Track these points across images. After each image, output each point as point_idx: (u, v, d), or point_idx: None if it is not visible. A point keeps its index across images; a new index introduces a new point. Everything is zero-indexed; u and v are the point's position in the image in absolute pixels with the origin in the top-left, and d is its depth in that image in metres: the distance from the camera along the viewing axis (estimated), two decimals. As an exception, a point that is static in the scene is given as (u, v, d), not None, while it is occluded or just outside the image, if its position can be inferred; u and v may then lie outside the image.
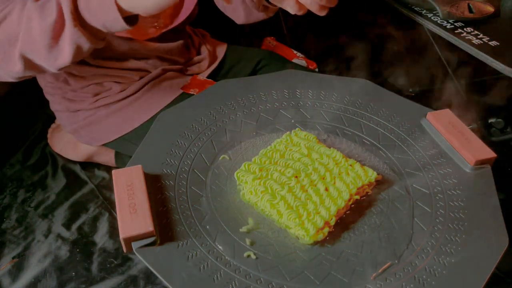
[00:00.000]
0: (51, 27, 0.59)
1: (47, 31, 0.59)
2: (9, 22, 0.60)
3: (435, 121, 0.75)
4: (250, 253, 0.55)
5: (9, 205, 1.07)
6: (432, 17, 0.86)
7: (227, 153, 0.69)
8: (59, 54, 0.62)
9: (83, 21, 0.60)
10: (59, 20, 0.59)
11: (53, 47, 0.61)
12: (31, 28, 0.59)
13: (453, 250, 0.58)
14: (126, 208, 0.56)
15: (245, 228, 0.58)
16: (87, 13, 0.60)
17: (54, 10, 0.58)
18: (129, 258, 0.97)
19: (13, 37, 0.61)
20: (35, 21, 0.59)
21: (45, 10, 0.59)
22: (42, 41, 0.60)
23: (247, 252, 0.55)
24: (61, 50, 0.61)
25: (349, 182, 0.63)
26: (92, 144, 1.02)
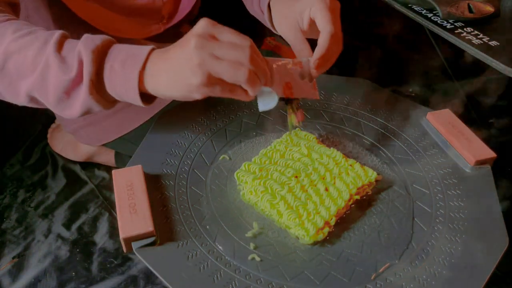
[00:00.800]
0: (67, 84, 0.54)
1: (61, 86, 0.55)
2: (23, 57, 0.55)
3: (435, 121, 0.75)
4: (254, 256, 0.55)
5: (9, 205, 1.07)
6: (432, 17, 0.86)
7: (227, 153, 0.69)
8: (68, 108, 0.58)
9: (101, 90, 0.56)
10: (77, 80, 0.54)
11: (63, 101, 0.57)
12: (47, 77, 0.55)
13: (453, 250, 0.58)
14: (126, 208, 0.56)
15: (251, 233, 0.58)
16: (108, 83, 0.55)
17: (74, 69, 0.54)
18: (129, 258, 0.97)
19: (24, 73, 0.56)
20: (52, 71, 0.54)
21: (66, 64, 0.54)
22: (54, 92, 0.56)
23: (251, 255, 0.55)
24: (70, 105, 0.58)
25: (349, 182, 0.63)
26: (92, 144, 1.02)
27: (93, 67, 0.53)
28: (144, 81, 0.54)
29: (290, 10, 0.65)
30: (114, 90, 0.56)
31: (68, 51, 0.54)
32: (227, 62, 0.49)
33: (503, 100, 1.47)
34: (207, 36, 0.50)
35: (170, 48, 0.53)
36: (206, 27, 0.50)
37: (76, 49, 0.53)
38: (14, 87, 0.57)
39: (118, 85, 0.55)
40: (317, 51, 0.60)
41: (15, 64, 0.55)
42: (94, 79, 0.54)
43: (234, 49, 0.50)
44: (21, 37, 0.55)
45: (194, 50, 0.49)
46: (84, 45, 0.53)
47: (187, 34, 0.51)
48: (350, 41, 1.58)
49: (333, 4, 0.62)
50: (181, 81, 0.51)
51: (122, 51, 0.54)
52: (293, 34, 0.64)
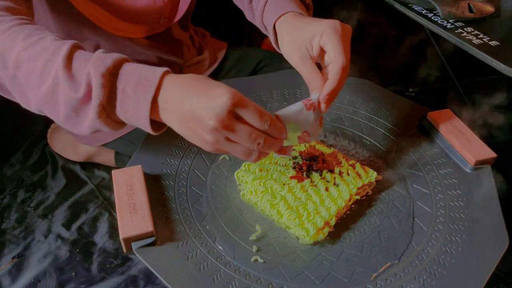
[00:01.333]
0: (75, 102, 0.53)
1: (70, 104, 0.53)
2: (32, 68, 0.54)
3: (435, 121, 0.75)
4: (257, 257, 0.55)
5: (9, 205, 1.07)
6: (432, 17, 0.86)
7: (227, 153, 0.69)
8: (77, 126, 0.56)
9: (111, 113, 0.54)
10: (85, 98, 0.52)
11: (72, 118, 0.55)
12: (57, 93, 0.53)
13: (453, 250, 0.58)
14: (126, 208, 0.56)
15: (254, 236, 0.57)
16: (119, 108, 0.53)
17: (82, 88, 0.52)
18: (129, 258, 0.97)
19: (32, 84, 0.55)
20: (61, 87, 0.53)
21: (74, 81, 0.52)
22: (63, 109, 0.54)
23: (254, 256, 0.55)
24: (79, 123, 0.56)
25: (349, 182, 0.63)
26: (92, 144, 1.02)
27: (104, 92, 0.51)
28: (157, 109, 0.52)
29: (298, 35, 0.61)
30: (125, 115, 0.54)
31: (77, 68, 0.52)
32: (240, 148, 0.50)
33: (503, 100, 1.47)
34: (227, 118, 0.48)
35: (188, 88, 0.51)
36: (230, 106, 0.48)
37: (86, 69, 0.52)
38: (25, 96, 0.56)
39: (129, 110, 0.53)
40: (328, 85, 0.58)
41: (24, 74, 0.54)
42: (104, 103, 0.52)
43: (249, 139, 0.49)
44: (32, 45, 0.54)
45: (211, 131, 0.48)
46: (94, 67, 0.51)
47: (210, 97, 0.49)
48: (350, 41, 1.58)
49: (344, 31, 0.58)
50: (191, 137, 0.52)
51: (134, 72, 0.52)
52: (303, 63, 0.61)
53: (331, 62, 0.58)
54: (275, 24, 0.68)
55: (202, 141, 0.51)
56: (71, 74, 0.52)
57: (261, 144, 0.50)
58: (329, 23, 0.58)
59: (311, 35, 0.59)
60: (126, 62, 0.54)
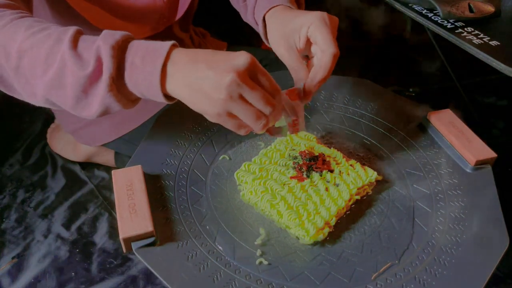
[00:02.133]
0: (84, 80, 0.52)
1: (79, 83, 0.53)
2: (36, 55, 0.53)
3: (435, 121, 0.75)
4: (262, 260, 0.55)
5: (8, 205, 1.07)
6: (432, 16, 0.86)
7: (227, 153, 0.69)
8: (86, 108, 0.56)
9: (121, 87, 0.54)
10: (94, 75, 0.52)
11: (81, 99, 0.54)
12: (64, 75, 0.53)
13: (453, 250, 0.58)
14: (125, 208, 0.55)
15: (259, 240, 0.57)
16: (128, 80, 0.53)
17: (91, 64, 0.52)
18: (129, 258, 0.97)
19: (38, 72, 0.54)
20: (68, 69, 0.52)
21: (82, 60, 0.52)
22: (72, 91, 0.54)
23: (259, 259, 0.55)
24: (89, 104, 0.55)
25: (349, 182, 0.63)
26: (92, 144, 1.01)
27: (114, 63, 0.51)
28: (166, 79, 0.52)
29: (286, 26, 0.62)
30: (136, 87, 0.53)
31: (84, 48, 0.52)
32: (252, 110, 0.49)
33: (503, 100, 1.47)
34: (246, 75, 0.48)
35: (198, 57, 0.50)
36: (248, 64, 0.49)
37: (95, 44, 0.52)
38: (31, 86, 0.56)
39: (140, 81, 0.52)
40: (320, 73, 0.58)
41: (29, 63, 0.54)
42: (114, 75, 0.52)
43: (263, 100, 0.49)
44: (34, 34, 0.54)
45: (228, 85, 0.47)
46: (103, 40, 0.51)
47: (226, 58, 0.49)
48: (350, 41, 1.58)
49: (332, 22, 0.59)
50: (199, 103, 0.50)
51: (141, 46, 0.52)
52: (289, 54, 0.62)
53: (322, 51, 0.58)
54: (265, 16, 0.68)
55: (213, 103, 0.49)
56: (78, 54, 0.52)
57: (271, 110, 0.50)
58: (316, 14, 0.59)
59: (299, 26, 0.60)
60: (134, 39, 0.54)
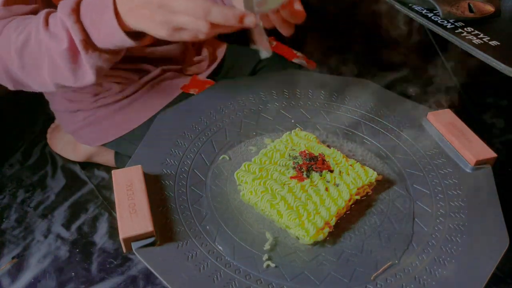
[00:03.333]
0: (66, 53, 0.60)
1: (65, 58, 0.60)
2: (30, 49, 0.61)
3: (435, 121, 0.75)
4: (269, 263, 0.55)
5: (8, 205, 1.07)
6: (432, 16, 0.85)
7: (227, 153, 0.69)
8: (85, 76, 0.63)
9: (95, 46, 0.60)
10: (72, 47, 0.59)
11: (76, 70, 0.62)
12: (53, 57, 0.61)
13: (453, 250, 0.58)
14: (125, 208, 0.55)
15: (268, 245, 0.57)
16: (95, 35, 0.59)
17: (64, 38, 0.58)
18: (129, 258, 0.97)
19: (39, 63, 0.62)
20: (53, 50, 0.60)
21: (57, 37, 0.59)
22: (65, 67, 0.61)
23: (267, 262, 0.55)
24: (84, 72, 0.62)
25: (349, 182, 0.63)
26: (92, 144, 1.01)
27: (78, 26, 0.57)
28: (123, 21, 0.56)
29: None
30: (102, 39, 0.59)
31: (54, 25, 0.59)
32: (187, 17, 0.51)
33: (503, 100, 1.47)
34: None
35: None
36: None
37: (58, 19, 0.58)
38: (40, 78, 0.64)
39: (102, 32, 0.58)
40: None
41: (28, 58, 0.62)
42: (83, 37, 0.58)
43: (192, 3, 0.51)
44: (21, 32, 0.61)
45: (157, 8, 0.51)
46: (61, 13, 0.58)
47: None
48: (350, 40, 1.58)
49: None
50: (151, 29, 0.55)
51: (90, 2, 0.58)
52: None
53: None
54: None
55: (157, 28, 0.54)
56: (52, 33, 0.59)
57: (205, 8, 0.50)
58: None
59: None
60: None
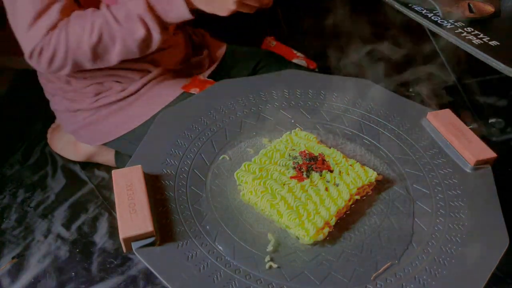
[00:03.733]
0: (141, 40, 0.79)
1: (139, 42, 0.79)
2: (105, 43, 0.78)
3: (435, 121, 0.75)
4: (271, 264, 0.55)
5: (8, 205, 1.07)
6: (432, 17, 0.85)
7: (227, 153, 0.69)
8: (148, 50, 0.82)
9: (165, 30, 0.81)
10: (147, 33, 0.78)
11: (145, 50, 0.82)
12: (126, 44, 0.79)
13: (453, 250, 0.58)
14: (126, 208, 0.55)
15: (271, 247, 0.56)
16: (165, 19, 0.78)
17: (140, 28, 0.77)
18: (129, 258, 0.97)
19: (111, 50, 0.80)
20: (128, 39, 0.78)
21: (132, 29, 0.77)
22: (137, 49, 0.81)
23: (269, 263, 0.55)
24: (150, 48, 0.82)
25: (349, 182, 0.63)
26: (92, 143, 1.02)
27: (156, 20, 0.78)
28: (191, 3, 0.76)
29: None
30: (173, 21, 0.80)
31: (126, 21, 0.77)
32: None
33: (503, 100, 1.47)
34: None
35: None
36: None
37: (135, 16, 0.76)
38: (107, 61, 0.82)
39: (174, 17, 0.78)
40: None
41: (102, 50, 0.79)
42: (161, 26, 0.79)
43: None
44: (91, 31, 0.77)
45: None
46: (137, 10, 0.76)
47: None
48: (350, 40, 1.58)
49: None
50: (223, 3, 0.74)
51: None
52: None
53: None
54: None
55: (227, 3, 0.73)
56: (126, 28, 0.77)
57: None
58: None
59: None
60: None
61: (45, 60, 0.79)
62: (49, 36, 0.77)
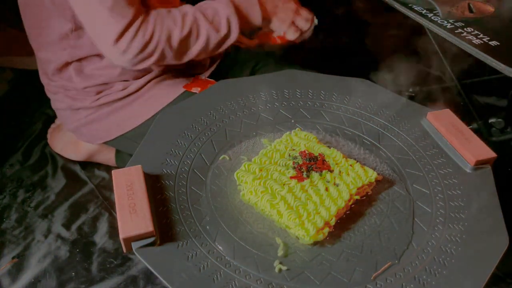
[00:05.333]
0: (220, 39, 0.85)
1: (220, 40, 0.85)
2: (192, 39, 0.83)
3: (435, 121, 0.75)
4: (281, 266, 0.54)
5: (9, 205, 1.07)
6: (432, 17, 0.86)
7: (227, 153, 0.69)
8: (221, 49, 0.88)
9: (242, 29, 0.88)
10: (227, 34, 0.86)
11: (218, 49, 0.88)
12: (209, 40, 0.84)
13: (453, 250, 0.58)
14: (126, 208, 0.55)
15: (280, 251, 0.56)
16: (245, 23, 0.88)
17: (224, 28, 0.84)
18: (129, 258, 0.97)
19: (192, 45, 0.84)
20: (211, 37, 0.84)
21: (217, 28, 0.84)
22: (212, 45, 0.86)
23: (278, 266, 0.54)
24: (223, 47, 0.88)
25: (349, 182, 0.63)
26: (94, 142, 1.02)
27: (239, 22, 0.85)
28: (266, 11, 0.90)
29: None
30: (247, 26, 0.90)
31: (214, 20, 0.84)
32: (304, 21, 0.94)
33: (503, 100, 1.47)
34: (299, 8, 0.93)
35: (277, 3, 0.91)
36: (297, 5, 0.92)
37: (224, 16, 0.84)
38: (183, 58, 0.86)
39: (249, 23, 0.89)
40: None
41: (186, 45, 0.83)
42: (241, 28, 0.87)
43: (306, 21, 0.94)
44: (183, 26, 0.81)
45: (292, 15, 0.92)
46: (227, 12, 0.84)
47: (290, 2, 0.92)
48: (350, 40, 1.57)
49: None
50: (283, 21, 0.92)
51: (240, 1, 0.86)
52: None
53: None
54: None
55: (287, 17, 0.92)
56: (214, 26, 0.84)
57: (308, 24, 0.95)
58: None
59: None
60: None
61: (138, 45, 0.77)
62: (144, 21, 0.77)
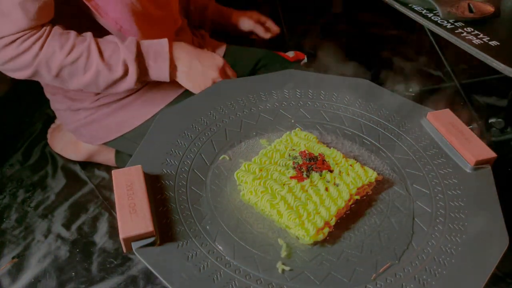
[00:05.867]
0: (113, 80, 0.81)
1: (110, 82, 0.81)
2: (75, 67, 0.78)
3: (435, 121, 0.75)
4: (283, 267, 0.54)
5: (9, 205, 1.07)
6: (432, 17, 0.85)
7: (227, 153, 0.69)
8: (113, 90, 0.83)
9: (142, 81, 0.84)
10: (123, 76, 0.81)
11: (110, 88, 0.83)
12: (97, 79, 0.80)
13: (453, 250, 0.58)
14: (126, 208, 0.55)
15: (284, 252, 0.56)
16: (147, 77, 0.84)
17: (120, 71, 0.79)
18: (129, 258, 0.97)
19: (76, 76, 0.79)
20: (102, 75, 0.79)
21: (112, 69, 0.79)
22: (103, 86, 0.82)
23: (281, 266, 0.54)
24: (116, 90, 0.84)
25: (349, 182, 0.63)
26: (93, 143, 1.02)
27: (137, 70, 0.80)
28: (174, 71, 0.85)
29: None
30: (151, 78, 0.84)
31: (109, 58, 0.79)
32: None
33: (503, 100, 1.47)
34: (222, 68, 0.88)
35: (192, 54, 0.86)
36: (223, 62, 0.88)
37: (121, 58, 0.79)
38: (66, 84, 0.81)
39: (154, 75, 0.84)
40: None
41: (68, 73, 0.78)
42: (139, 76, 0.81)
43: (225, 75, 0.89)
44: (69, 53, 0.76)
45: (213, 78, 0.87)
46: (125, 55, 0.79)
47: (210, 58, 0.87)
48: (350, 40, 1.58)
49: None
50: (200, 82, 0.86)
51: (150, 50, 0.82)
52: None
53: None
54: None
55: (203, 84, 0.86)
56: (107, 64, 0.79)
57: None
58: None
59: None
60: (139, 43, 0.81)
61: (8, 54, 0.74)
62: (32, 34, 0.73)
